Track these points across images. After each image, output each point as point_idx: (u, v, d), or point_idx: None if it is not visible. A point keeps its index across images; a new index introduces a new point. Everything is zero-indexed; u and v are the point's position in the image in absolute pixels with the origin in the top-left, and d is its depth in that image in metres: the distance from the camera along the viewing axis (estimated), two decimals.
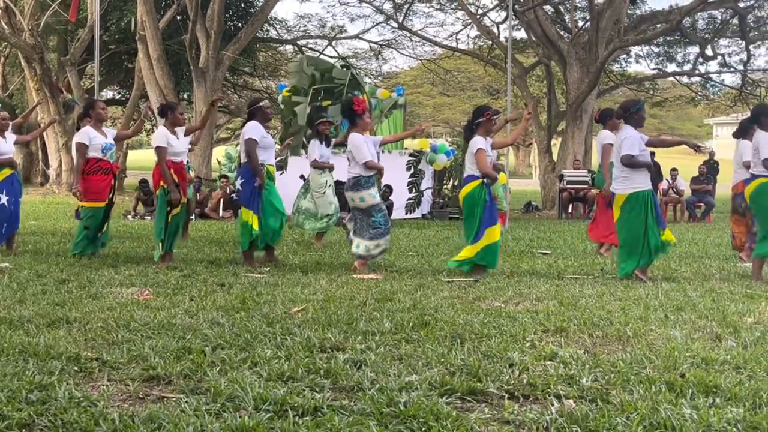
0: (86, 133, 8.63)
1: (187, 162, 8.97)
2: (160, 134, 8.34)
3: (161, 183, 8.26)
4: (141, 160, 46.36)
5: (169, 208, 8.29)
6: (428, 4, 28.02)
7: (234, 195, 15.69)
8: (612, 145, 8.83)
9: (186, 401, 3.44)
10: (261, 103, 8.70)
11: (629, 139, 7.53)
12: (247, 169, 8.39)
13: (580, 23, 24.33)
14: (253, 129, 8.38)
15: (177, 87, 23.14)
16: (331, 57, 25.99)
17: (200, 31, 20.13)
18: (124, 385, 3.70)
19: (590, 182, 18.05)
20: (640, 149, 7.50)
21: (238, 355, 4.17)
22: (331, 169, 10.80)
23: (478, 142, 7.72)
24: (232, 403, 3.40)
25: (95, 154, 8.59)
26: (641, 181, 7.57)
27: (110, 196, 8.75)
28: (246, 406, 3.37)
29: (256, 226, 8.31)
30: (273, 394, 3.47)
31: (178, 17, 23.14)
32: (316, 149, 10.70)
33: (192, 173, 12.01)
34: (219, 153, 21.18)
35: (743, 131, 8.78)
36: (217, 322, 5.02)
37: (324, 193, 10.66)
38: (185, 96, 26.76)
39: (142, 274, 7.43)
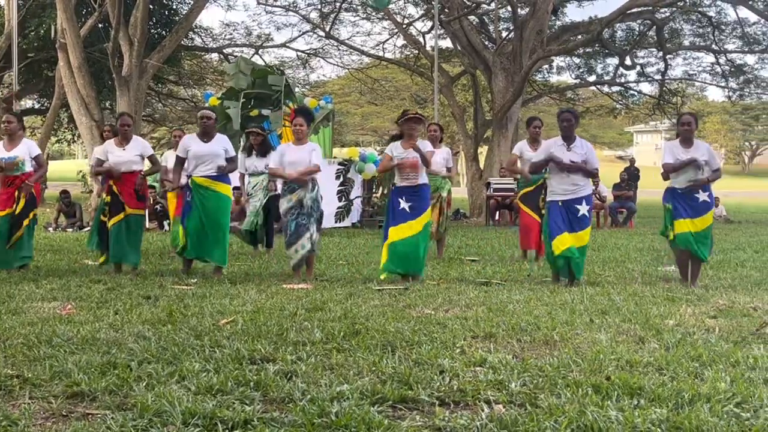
0: None
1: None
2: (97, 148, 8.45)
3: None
4: (62, 170, 45.17)
5: (103, 218, 8.36)
6: (354, 14, 28.12)
7: (158, 206, 15.44)
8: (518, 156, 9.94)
9: (112, 418, 3.35)
10: (198, 114, 8.64)
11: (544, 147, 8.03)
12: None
13: (504, 34, 24.74)
14: (182, 142, 8.49)
15: (99, 96, 22.59)
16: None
17: (123, 38, 19.73)
18: (47, 403, 3.59)
19: (516, 189, 18.33)
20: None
21: (166, 369, 4.08)
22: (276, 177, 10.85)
23: (390, 145, 8.08)
24: (160, 419, 3.33)
25: None
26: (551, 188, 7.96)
27: (13, 208, 8.52)
28: (174, 421, 3.31)
29: (181, 236, 8.38)
30: (202, 408, 3.41)
31: (100, 24, 22.64)
32: (244, 161, 10.72)
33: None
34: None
35: None
36: (143, 336, 4.92)
37: (250, 197, 10.77)
38: (108, 105, 26.19)
39: (64, 288, 7.23)
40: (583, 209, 7.80)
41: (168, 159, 10.67)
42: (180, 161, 8.47)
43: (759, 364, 4.23)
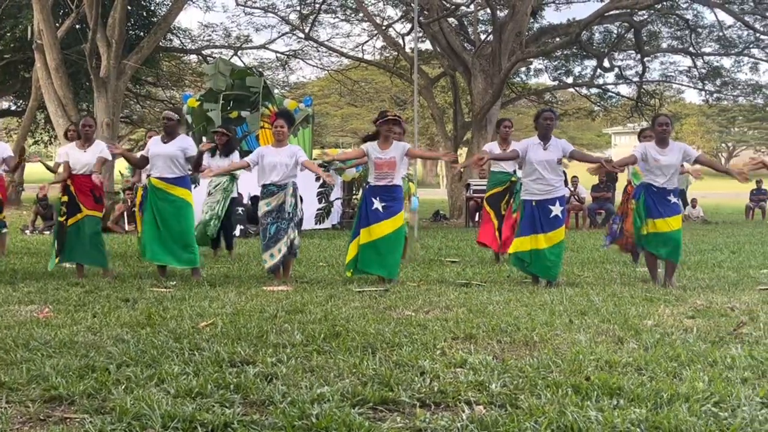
0: None
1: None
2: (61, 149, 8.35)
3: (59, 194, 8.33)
4: (40, 172, 44.74)
5: (61, 218, 8.29)
6: (334, 15, 28.09)
7: (134, 208, 15.35)
8: (488, 152, 9.63)
9: (90, 422, 3.33)
10: (162, 114, 8.58)
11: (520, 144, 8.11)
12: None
13: (483, 36, 24.82)
14: (149, 143, 8.48)
15: (76, 97, 22.43)
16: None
17: (101, 40, 19.60)
18: (24, 407, 3.55)
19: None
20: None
21: (145, 372, 4.05)
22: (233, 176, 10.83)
23: (366, 144, 8.13)
24: (139, 422, 3.31)
25: None
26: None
27: None
28: (153, 424, 3.29)
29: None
30: (181, 411, 3.39)
31: (78, 25, 22.46)
32: (209, 161, 10.70)
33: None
34: (121, 164, 20.65)
35: None
36: (121, 339, 4.88)
37: (208, 195, 10.75)
38: (85, 107, 26.00)
39: (41, 291, 7.16)
40: (556, 210, 7.84)
41: None
42: (143, 159, 8.51)
43: (736, 364, 4.27)
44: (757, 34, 24.80)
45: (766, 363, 4.28)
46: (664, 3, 23.01)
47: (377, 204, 7.93)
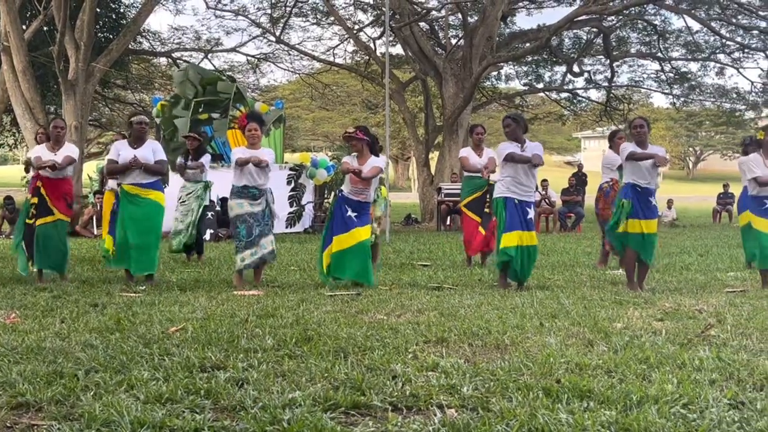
0: None
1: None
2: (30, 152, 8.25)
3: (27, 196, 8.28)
4: (6, 176, 44.22)
5: (29, 220, 8.19)
6: (305, 19, 28.03)
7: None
8: (467, 156, 10.05)
9: (58, 428, 3.28)
10: (131, 119, 8.43)
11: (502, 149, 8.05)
12: None
13: (454, 40, 24.93)
14: (114, 146, 8.36)
15: (44, 100, 22.17)
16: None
17: (69, 42, 19.39)
18: None
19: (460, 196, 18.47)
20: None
21: (114, 378, 4.01)
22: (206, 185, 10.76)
23: (346, 158, 8.19)
24: (108, 429, 3.27)
25: None
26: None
27: None
28: (123, 430, 3.25)
29: (108, 246, 8.43)
30: (151, 417, 3.36)
31: (45, 27, 22.19)
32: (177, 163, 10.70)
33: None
34: (90, 168, 20.44)
35: None
36: (90, 345, 4.82)
37: (182, 204, 10.66)
38: (53, 110, 25.69)
39: (8, 296, 7.07)
40: (531, 213, 7.98)
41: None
42: (113, 163, 8.27)
43: (704, 366, 4.31)
44: (723, 40, 25.16)
45: (733, 365, 4.34)
46: (633, 9, 23.26)
47: (351, 212, 7.97)
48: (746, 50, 25.31)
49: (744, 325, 5.62)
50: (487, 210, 9.94)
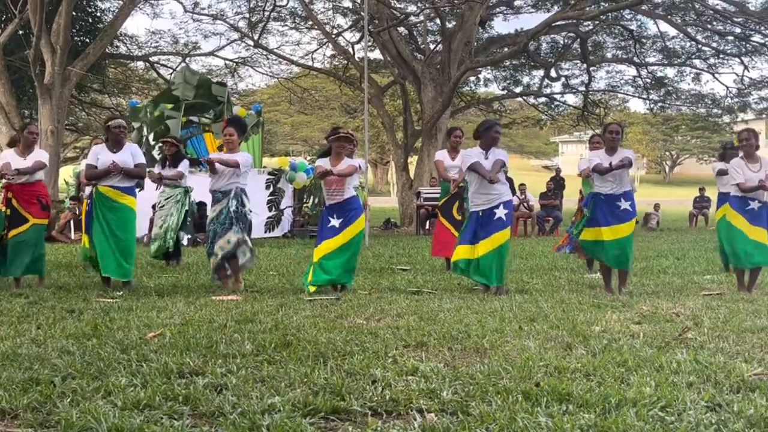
0: None
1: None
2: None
3: None
4: None
5: (1, 232, 8.08)
6: (283, 23, 27.99)
7: (80, 217, 15.09)
8: (442, 161, 9.95)
9: None
10: (109, 123, 8.37)
11: (466, 157, 8.07)
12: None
13: (432, 45, 25.00)
14: (93, 150, 8.30)
15: (20, 104, 21.97)
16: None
17: (45, 46, 19.24)
18: None
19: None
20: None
21: (91, 385, 3.97)
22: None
23: (319, 159, 8.15)
24: None
25: None
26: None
27: None
28: None
29: (88, 247, 8.28)
30: (129, 424, 3.33)
31: (21, 31, 22.00)
32: (156, 170, 10.63)
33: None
34: (67, 173, 20.28)
35: None
36: (67, 351, 4.78)
37: (161, 208, 10.60)
38: (29, 114, 25.46)
39: None
40: (500, 212, 7.86)
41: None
42: (92, 168, 8.22)
43: (682, 368, 4.34)
44: (699, 45, 25.42)
45: (710, 367, 4.37)
46: (609, 14, 23.45)
47: (333, 221, 7.93)
48: (721, 56, 25.59)
49: (721, 328, 5.67)
50: (459, 216, 9.92)
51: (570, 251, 10.11)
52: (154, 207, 11.46)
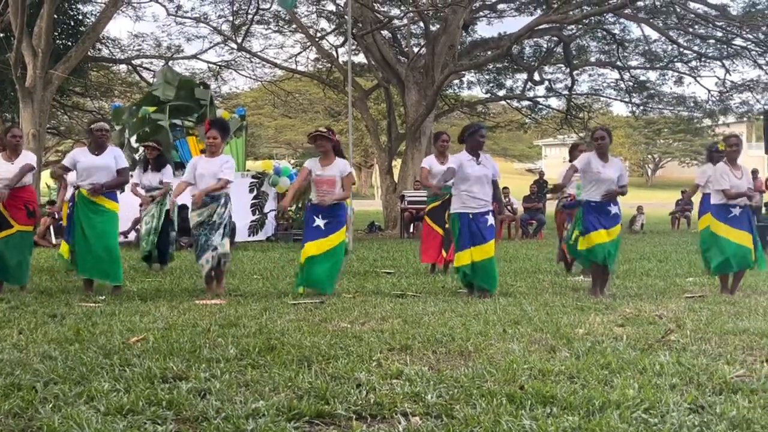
0: None
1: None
2: None
3: None
4: None
5: None
6: (267, 27, 27.95)
7: (61, 221, 14.97)
8: (427, 168, 9.79)
9: None
10: (91, 126, 8.29)
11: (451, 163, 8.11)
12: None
13: (416, 48, 25.04)
14: (71, 154, 8.20)
15: (1, 108, 21.83)
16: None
17: (26, 49, 19.12)
18: None
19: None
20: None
21: (73, 390, 3.94)
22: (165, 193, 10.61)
23: (308, 161, 8.08)
24: None
25: None
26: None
27: None
28: None
29: (65, 254, 8.33)
30: (112, 429, 3.31)
31: (2, 34, 21.85)
32: (140, 176, 10.53)
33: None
34: (48, 176, 20.13)
35: None
36: (49, 356, 4.74)
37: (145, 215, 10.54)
38: (10, 117, 25.27)
39: None
40: (490, 219, 7.94)
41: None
42: (62, 168, 8.20)
43: (665, 371, 4.37)
44: (681, 49, 25.59)
45: (693, 369, 4.40)
46: (592, 18, 23.57)
47: (318, 221, 7.90)
48: (703, 59, 25.78)
49: (703, 330, 5.70)
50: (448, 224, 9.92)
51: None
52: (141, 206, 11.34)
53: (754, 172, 16.11)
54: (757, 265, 8.27)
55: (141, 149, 14.08)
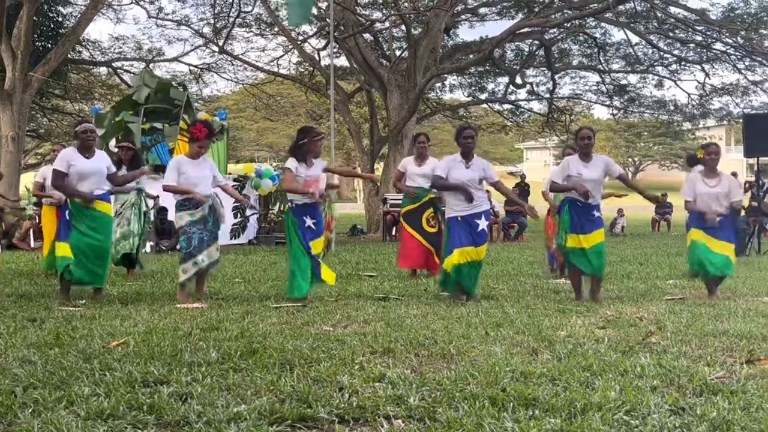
0: None
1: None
2: None
3: None
4: None
5: None
6: (248, 30, 27.89)
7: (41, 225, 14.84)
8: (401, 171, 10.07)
9: None
10: (77, 129, 8.11)
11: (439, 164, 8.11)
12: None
13: (398, 52, 25.08)
14: (62, 156, 7.85)
15: None
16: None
17: (5, 51, 18.98)
18: None
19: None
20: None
21: (53, 395, 3.91)
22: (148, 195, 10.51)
23: (289, 162, 7.77)
24: None
25: None
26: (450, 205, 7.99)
27: None
28: None
29: (69, 254, 7.78)
30: None
31: None
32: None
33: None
34: (28, 179, 19.97)
35: None
36: (28, 360, 4.69)
37: (118, 216, 10.31)
38: None
39: None
40: (483, 224, 7.85)
41: (46, 174, 10.01)
42: (61, 176, 7.77)
43: (646, 372, 4.39)
44: (661, 53, 25.78)
45: (673, 371, 4.42)
46: (574, 22, 23.70)
47: (309, 221, 7.80)
48: (683, 63, 25.98)
49: (683, 332, 5.74)
50: (433, 228, 9.83)
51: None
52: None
53: (733, 175, 16.20)
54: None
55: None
